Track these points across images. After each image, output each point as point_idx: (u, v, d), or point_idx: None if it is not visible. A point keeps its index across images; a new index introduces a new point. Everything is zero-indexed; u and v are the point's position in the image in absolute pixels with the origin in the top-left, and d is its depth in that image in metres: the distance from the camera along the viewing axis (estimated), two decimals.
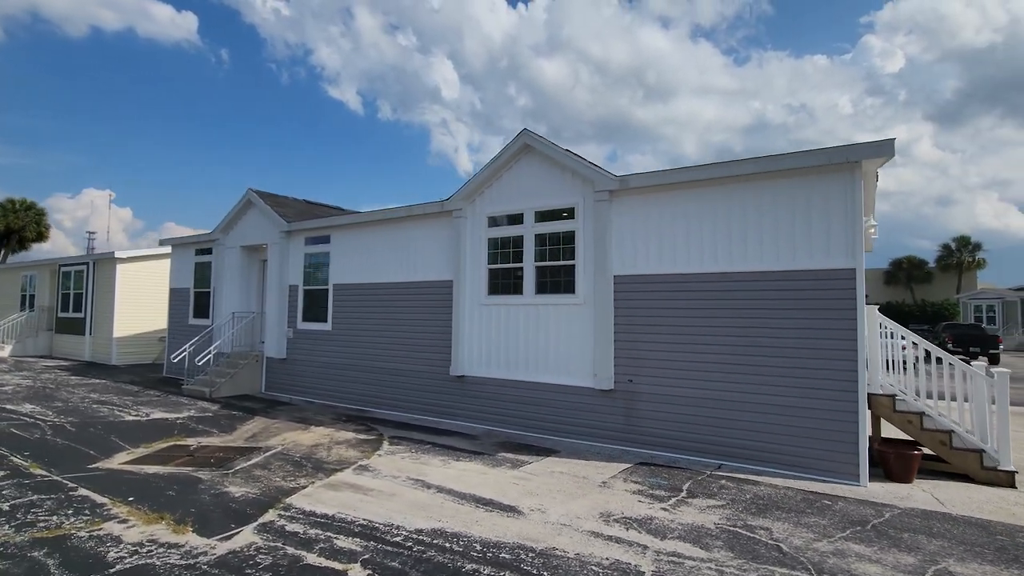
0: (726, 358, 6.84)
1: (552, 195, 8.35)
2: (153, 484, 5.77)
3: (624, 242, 7.66)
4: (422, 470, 6.39)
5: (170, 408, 10.08)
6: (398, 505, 5.21)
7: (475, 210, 9.14)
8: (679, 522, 4.86)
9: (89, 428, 8.34)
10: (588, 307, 7.90)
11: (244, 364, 11.93)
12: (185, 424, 8.81)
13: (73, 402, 10.43)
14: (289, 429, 8.56)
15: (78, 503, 5.12)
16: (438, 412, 9.30)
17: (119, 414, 9.45)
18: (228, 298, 13.09)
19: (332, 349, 10.99)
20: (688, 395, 7.07)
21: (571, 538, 4.48)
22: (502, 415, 8.59)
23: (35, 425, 8.43)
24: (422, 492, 5.60)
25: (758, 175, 6.71)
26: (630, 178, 7.54)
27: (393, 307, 10.10)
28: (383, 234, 10.38)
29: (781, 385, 6.47)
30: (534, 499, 5.43)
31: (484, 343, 8.90)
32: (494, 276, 8.90)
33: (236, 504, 5.17)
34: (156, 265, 17.89)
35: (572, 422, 7.92)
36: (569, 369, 8.04)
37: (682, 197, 7.25)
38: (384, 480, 6.00)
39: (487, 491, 5.66)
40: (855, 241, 6.14)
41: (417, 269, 9.84)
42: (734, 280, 6.85)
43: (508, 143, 8.69)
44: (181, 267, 14.65)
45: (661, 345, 7.30)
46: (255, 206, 12.67)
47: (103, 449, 7.21)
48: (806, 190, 6.46)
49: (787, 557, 4.18)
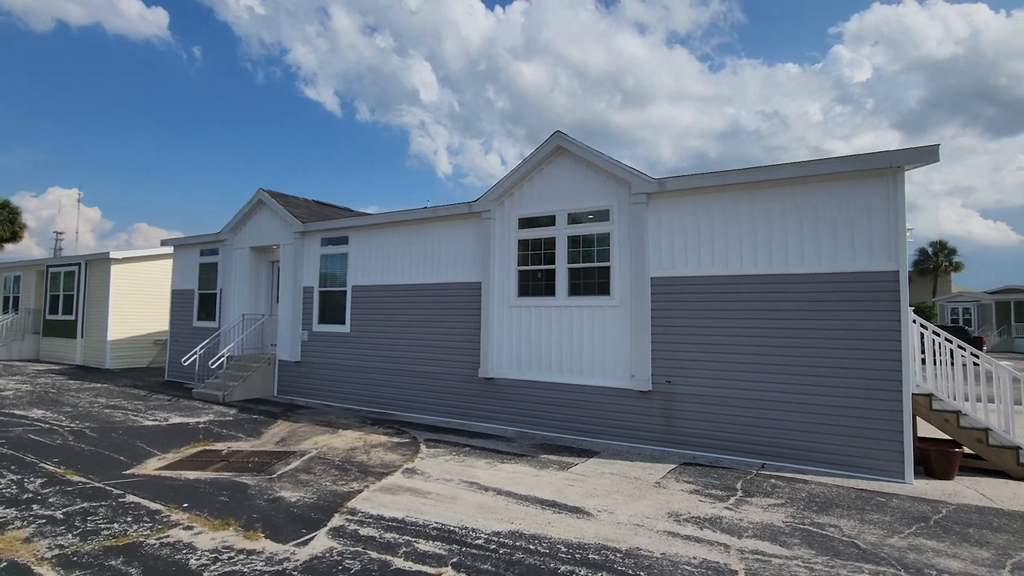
0: (768, 359, 6.94)
1: (586, 197, 8.38)
2: (201, 490, 5.62)
3: (661, 244, 7.73)
4: (471, 473, 6.34)
5: (187, 413, 9.82)
6: (463, 508, 5.15)
7: (504, 212, 9.12)
8: (748, 520, 4.91)
9: (111, 433, 8.08)
10: (624, 309, 7.94)
11: (256, 367, 11.69)
12: (208, 429, 8.59)
13: (83, 407, 10.09)
14: (316, 433, 8.41)
15: (133, 510, 4.96)
16: (466, 414, 9.24)
17: (136, 419, 9.17)
18: (236, 300, 12.82)
19: (351, 351, 10.84)
20: (729, 396, 7.15)
21: (650, 538, 4.49)
22: (534, 417, 8.57)
23: (53, 431, 8.13)
24: (481, 495, 5.55)
25: (798, 179, 6.84)
26: (668, 181, 7.61)
27: (416, 309, 10.02)
28: (405, 235, 10.28)
29: (825, 385, 6.59)
30: (596, 500, 5.43)
31: (514, 345, 8.88)
32: (524, 278, 8.89)
33: (297, 509, 5.06)
34: (152, 266, 17.45)
35: (608, 423, 7.94)
36: (604, 370, 8.07)
37: (720, 200, 7.35)
38: (437, 483, 5.93)
39: (545, 493, 5.64)
40: (898, 244, 6.30)
41: (442, 270, 9.77)
42: (775, 282, 6.96)
43: (540, 145, 8.70)
44: (184, 268, 14.30)
45: (701, 346, 7.37)
46: (266, 206, 12.45)
47: (133, 455, 7.00)
48: (847, 194, 6.60)
49: (867, 554, 4.25)
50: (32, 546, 4.14)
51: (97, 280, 17.11)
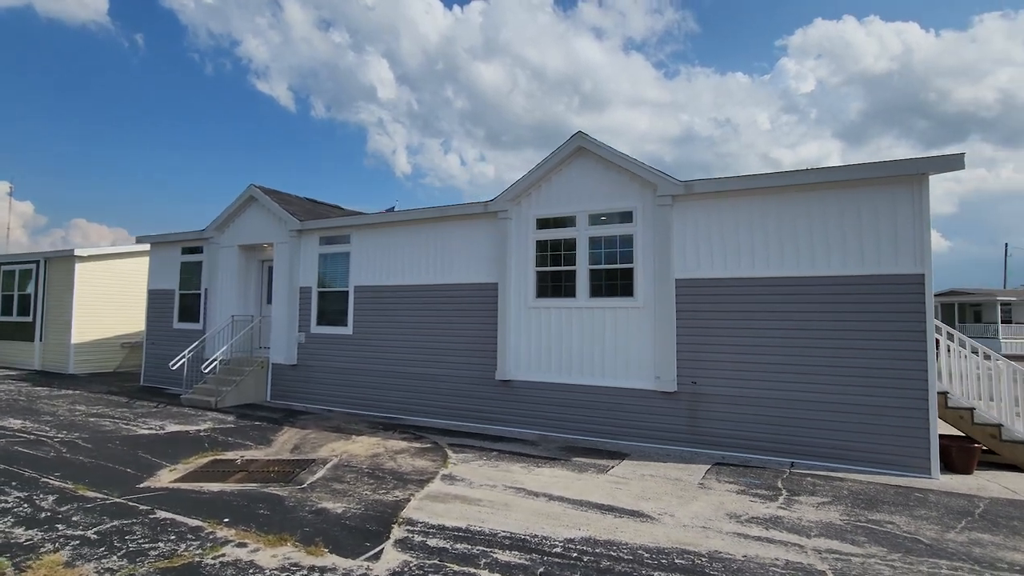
0: (795, 359, 7.08)
1: (608, 198, 8.36)
2: (234, 503, 5.27)
3: (686, 246, 7.78)
4: (512, 478, 6.20)
5: (181, 420, 9.26)
6: (523, 515, 5.02)
7: (521, 212, 9.01)
8: (807, 520, 4.97)
9: (107, 444, 7.52)
10: (648, 310, 7.96)
11: (250, 371, 11.15)
12: (211, 437, 8.12)
13: (62, 415, 9.37)
14: (329, 439, 8.08)
15: (171, 527, 4.59)
16: (481, 418, 9.06)
17: (128, 428, 8.58)
18: (224, 301, 12.21)
19: (353, 354, 10.48)
20: (755, 396, 7.25)
21: (723, 540, 4.48)
22: (554, 419, 8.48)
23: (41, 442, 7.51)
24: (533, 501, 5.43)
25: (825, 184, 7.01)
26: (695, 183, 7.68)
27: (426, 310, 9.77)
28: (414, 234, 10.02)
29: (852, 385, 6.76)
30: (650, 503, 5.39)
31: (533, 346, 8.77)
32: (542, 279, 8.79)
33: (349, 521, 4.81)
34: (120, 264, 16.46)
35: (631, 425, 7.94)
36: (628, 372, 8.06)
37: (747, 203, 7.46)
38: (482, 490, 5.76)
39: (595, 496, 5.56)
40: (923, 248, 6.53)
41: (454, 271, 9.57)
42: (802, 284, 7.11)
43: (560, 146, 8.63)
44: (163, 267, 13.52)
45: (727, 347, 7.46)
46: (258, 203, 11.91)
47: (140, 466, 6.53)
48: (873, 199, 6.81)
49: (935, 549, 4.36)
50: (78, 571, 3.77)
51: (59, 279, 15.98)
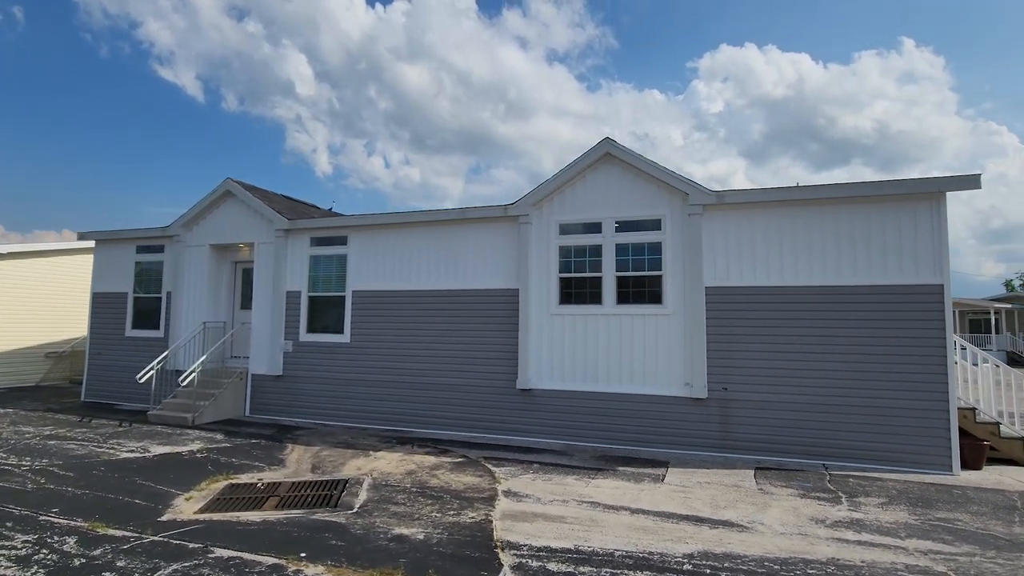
0: (823, 365, 7.37)
1: (635, 206, 8.37)
2: (293, 534, 4.69)
3: (716, 254, 7.93)
4: (575, 491, 5.98)
5: (162, 440, 8.22)
6: (620, 531, 4.82)
7: (542, 217, 8.82)
8: (885, 521, 5.14)
9: (91, 472, 6.51)
10: (677, 317, 8.03)
11: (228, 383, 10.13)
12: (210, 459, 7.25)
13: (10, 438, 8.03)
14: (346, 457, 7.46)
15: (248, 567, 3.98)
16: (501, 429, 8.73)
17: (103, 451, 7.48)
18: (192, 306, 11.04)
19: (352, 364, 9.79)
20: (785, 401, 7.49)
21: (829, 547, 4.52)
22: (579, 428, 8.33)
23: (6, 472, 6.36)
24: (616, 515, 5.24)
25: (851, 198, 7.39)
26: (726, 194, 7.85)
27: (439, 316, 9.32)
28: (424, 237, 9.54)
29: (878, 388, 7.14)
30: (730, 511, 5.37)
31: (555, 354, 8.58)
32: (566, 285, 8.64)
33: (443, 548, 4.40)
34: (42, 264, 14.55)
35: (662, 432, 7.95)
36: (657, 379, 8.07)
37: (776, 214, 7.71)
38: (556, 506, 5.51)
39: (671, 506, 5.47)
40: (942, 260, 7.03)
41: (469, 276, 9.20)
42: (829, 293, 7.43)
43: (587, 151, 8.55)
44: (113, 267, 12.03)
45: (756, 354, 7.66)
46: (236, 199, 10.90)
47: (148, 496, 5.69)
48: (896, 213, 7.26)
49: (1017, 544, 4.63)
50: None
51: None
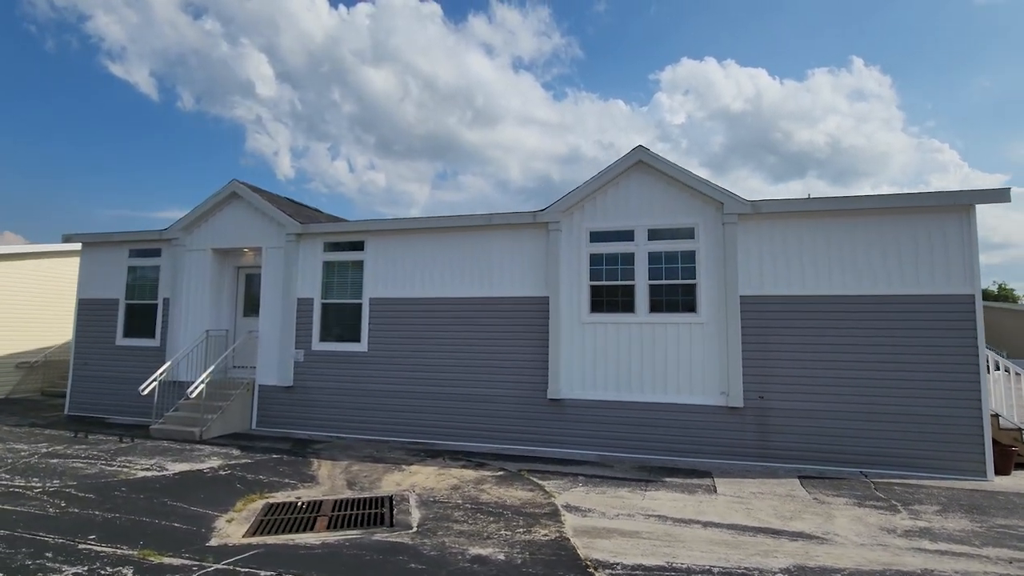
0: (858, 373, 7.47)
1: (668, 214, 8.35)
2: (364, 558, 4.42)
3: (750, 263, 7.97)
4: (637, 504, 5.85)
5: (176, 457, 7.71)
6: (703, 545, 4.71)
7: (572, 224, 8.72)
8: (955, 529, 5.18)
9: (113, 493, 6.02)
10: (712, 326, 8.02)
11: (235, 395, 9.62)
12: (236, 476, 6.84)
13: (7, 458, 7.40)
14: (378, 472, 7.15)
15: None
16: (530, 440, 8.54)
17: (116, 470, 6.96)
18: (195, 313, 10.48)
19: (370, 373, 9.44)
20: (821, 409, 7.55)
21: (915, 557, 4.51)
22: (614, 439, 8.20)
23: (18, 495, 5.83)
24: (689, 528, 5.13)
25: (884, 210, 7.54)
26: (762, 204, 7.91)
27: (464, 325, 9.07)
28: (448, 243, 9.30)
29: (913, 396, 7.26)
30: (798, 522, 5.33)
31: (587, 363, 8.46)
32: (597, 293, 8.54)
33: (531, 569, 4.20)
34: (7, 269, 13.60)
35: (699, 442, 7.90)
36: (692, 388, 8.04)
37: (810, 225, 7.81)
38: (623, 520, 5.36)
39: (739, 518, 5.39)
40: (973, 270, 7.23)
41: (495, 283, 9.00)
42: (863, 302, 7.54)
43: (620, 158, 8.50)
44: (103, 272, 11.32)
45: (793, 362, 7.70)
46: (242, 202, 10.43)
47: (185, 519, 5.29)
48: (927, 225, 7.44)
49: None
50: None
51: None
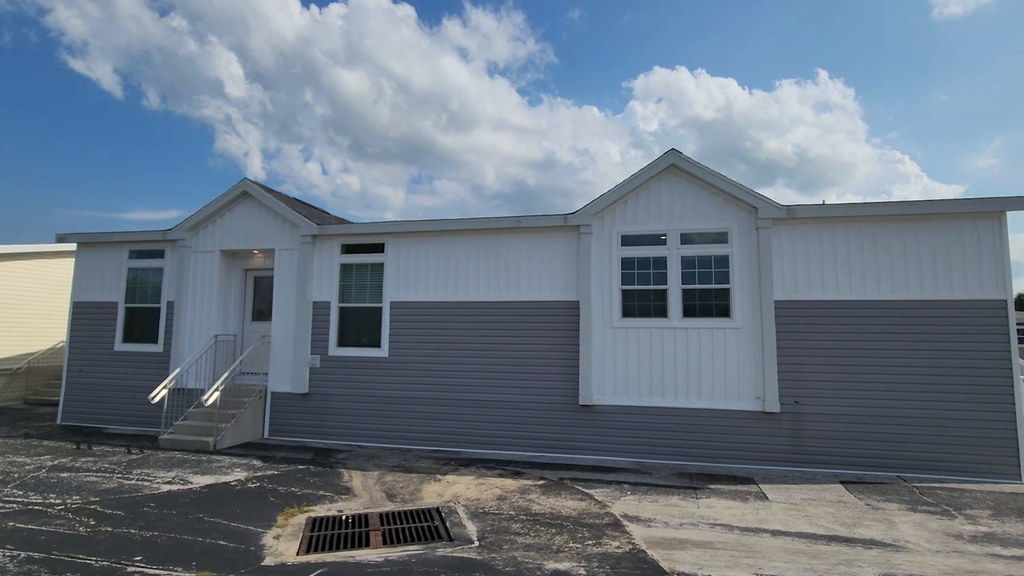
0: (893, 378, 7.51)
1: (701, 218, 8.30)
2: None
3: (785, 268, 7.96)
4: (695, 513, 5.72)
5: (195, 468, 7.29)
6: (783, 555, 4.60)
7: (603, 227, 8.60)
8: (1019, 534, 5.19)
9: (142, 509, 5.63)
10: (746, 331, 7.98)
11: (248, 403, 9.20)
12: (267, 488, 6.49)
13: (12, 472, 6.89)
14: (414, 482, 6.88)
15: None
16: (562, 447, 8.35)
17: (135, 484, 6.54)
18: (201, 317, 10.02)
19: (392, 380, 9.14)
20: (858, 414, 7.56)
21: (994, 563, 4.49)
22: (648, 445, 8.09)
23: (39, 513, 5.40)
24: (759, 537, 5.03)
25: (918, 216, 7.62)
26: (797, 208, 7.92)
27: (491, 329, 8.86)
28: (472, 245, 9.08)
29: (947, 401, 7.33)
30: (864, 529, 5.27)
31: (619, 368, 8.33)
32: (628, 297, 8.44)
33: None
34: None
35: (735, 447, 7.84)
36: (726, 393, 7.98)
37: (844, 230, 7.84)
38: (688, 530, 5.22)
39: (804, 526, 5.31)
40: (1005, 275, 7.35)
41: (523, 287, 8.82)
42: (897, 307, 7.60)
43: (652, 161, 8.43)
44: (100, 273, 10.75)
45: (828, 367, 7.71)
46: (254, 201, 10.03)
47: (228, 535, 4.96)
48: (960, 231, 7.54)
49: None
50: None
51: None
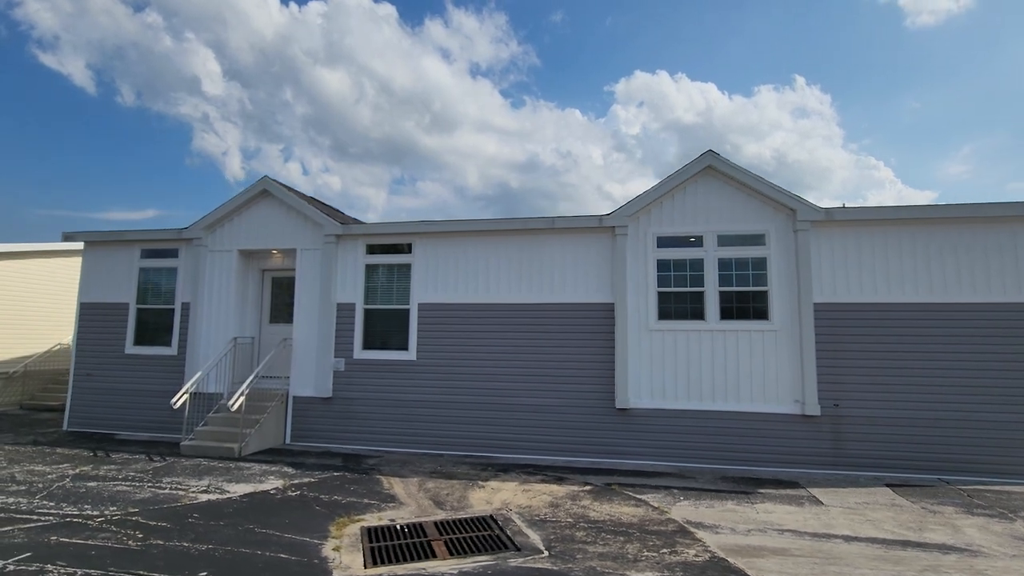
0: (935, 380, 7.51)
1: (738, 220, 8.24)
2: None
3: (823, 271, 7.93)
4: (756, 519, 5.62)
5: (225, 476, 7.01)
6: (866, 562, 4.51)
7: (639, 228, 8.50)
8: None
9: (185, 520, 5.36)
10: (785, 334, 7.94)
11: (271, 407, 8.91)
12: (307, 497, 6.25)
13: (34, 482, 6.55)
14: (457, 489, 6.69)
15: None
16: (598, 451, 8.22)
17: (170, 493, 6.25)
18: (218, 318, 9.70)
19: (420, 383, 8.92)
20: (899, 416, 7.55)
21: None
22: (687, 449, 7.99)
23: (78, 526, 5.11)
24: (833, 544, 4.94)
25: (960, 219, 7.64)
26: (835, 211, 7.89)
27: (520, 332, 8.69)
28: (503, 246, 8.92)
29: (990, 403, 7.35)
30: (930, 534, 5.22)
31: (655, 371, 8.22)
32: (665, 300, 8.34)
33: None
34: None
35: (775, 451, 7.78)
36: (765, 396, 7.92)
37: (884, 233, 7.84)
38: (759, 536, 5.12)
39: (872, 531, 5.25)
40: None
41: (556, 288, 8.67)
42: (939, 310, 7.60)
43: (689, 163, 8.36)
44: (109, 274, 10.36)
45: (867, 370, 7.69)
46: (275, 200, 9.74)
47: (287, 548, 4.74)
48: (996, 234, 7.58)
49: None
50: None
51: None
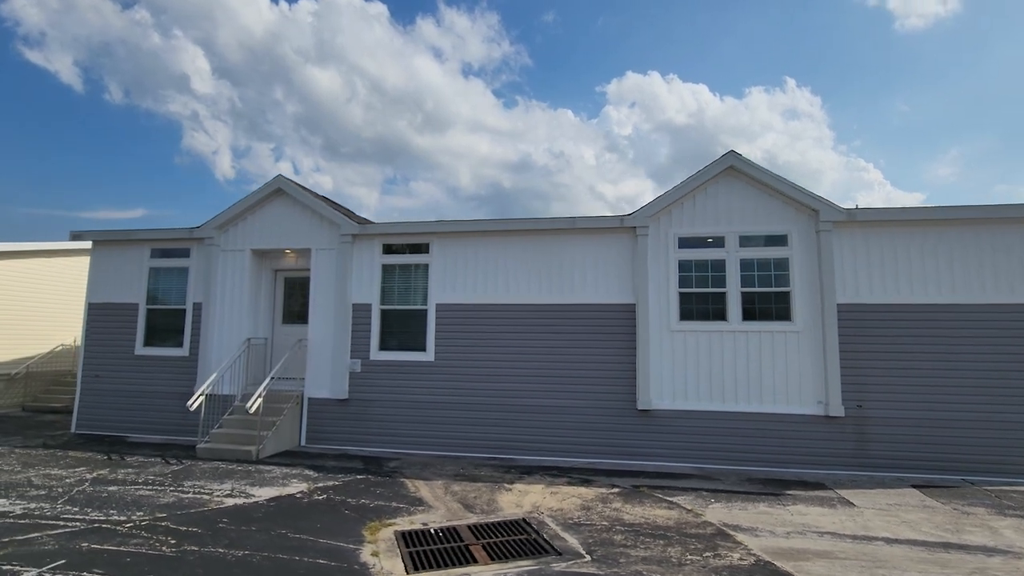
0: (957, 382, 7.52)
1: (760, 220, 8.23)
2: None
3: (846, 271, 7.93)
4: (792, 521, 5.58)
5: (247, 479, 6.89)
6: (912, 564, 4.48)
7: (660, 229, 8.46)
8: None
9: (216, 525, 5.25)
10: (807, 334, 7.92)
11: (287, 409, 8.79)
12: (335, 501, 6.16)
13: (53, 486, 6.40)
14: (483, 492, 6.62)
15: None
16: (620, 453, 8.16)
17: (195, 497, 6.13)
18: (231, 319, 9.56)
19: (438, 385, 8.83)
20: (923, 418, 7.55)
21: None
22: (710, 450, 7.95)
23: (106, 532, 4.99)
24: (875, 546, 4.91)
25: (981, 220, 7.66)
26: (858, 212, 7.89)
27: (540, 332, 8.63)
28: (522, 246, 8.85)
29: (1014, 404, 7.36)
30: (969, 536, 5.21)
31: (677, 372, 8.19)
32: (686, 300, 8.31)
33: None
34: None
35: (798, 452, 7.76)
36: (788, 398, 7.90)
37: (908, 234, 7.84)
38: (799, 539, 5.09)
39: (910, 533, 5.23)
40: None
41: (576, 289, 8.62)
42: (963, 311, 7.61)
43: (711, 163, 8.33)
44: (118, 274, 10.18)
45: (891, 371, 7.69)
46: (289, 199, 9.62)
47: (325, 553, 4.65)
48: (1021, 235, 7.61)
49: None
50: None
51: None
